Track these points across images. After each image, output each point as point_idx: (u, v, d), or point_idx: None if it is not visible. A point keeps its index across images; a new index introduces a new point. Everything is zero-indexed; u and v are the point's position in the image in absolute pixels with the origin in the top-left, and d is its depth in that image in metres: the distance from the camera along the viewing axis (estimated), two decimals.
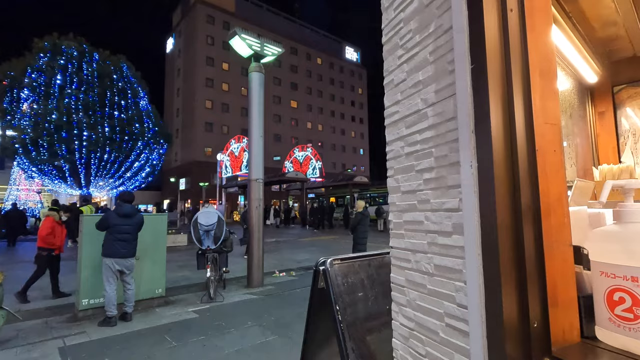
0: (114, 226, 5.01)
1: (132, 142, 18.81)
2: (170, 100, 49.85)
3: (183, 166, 43.17)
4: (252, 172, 7.45)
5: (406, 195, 1.27)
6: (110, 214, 5.13)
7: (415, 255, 1.21)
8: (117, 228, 5.01)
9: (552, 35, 1.08)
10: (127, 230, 5.08)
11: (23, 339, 4.41)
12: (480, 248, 0.93)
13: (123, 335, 4.49)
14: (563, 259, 0.96)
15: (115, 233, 4.99)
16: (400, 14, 1.30)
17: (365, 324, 2.13)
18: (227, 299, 6.16)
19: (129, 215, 5.15)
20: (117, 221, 5.04)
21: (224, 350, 4.01)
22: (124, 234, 5.04)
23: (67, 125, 16.17)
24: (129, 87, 19.31)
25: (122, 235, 5.02)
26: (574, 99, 2.55)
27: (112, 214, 5.12)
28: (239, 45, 7.65)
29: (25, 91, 16.53)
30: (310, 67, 54.38)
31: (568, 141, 2.53)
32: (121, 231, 5.03)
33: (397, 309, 1.33)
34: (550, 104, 1.00)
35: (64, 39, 18.16)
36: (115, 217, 5.06)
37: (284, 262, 9.85)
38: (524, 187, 0.92)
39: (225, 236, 6.58)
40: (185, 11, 47.37)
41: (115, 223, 5.02)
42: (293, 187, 31.91)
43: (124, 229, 5.05)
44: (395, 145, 1.34)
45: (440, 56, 1.10)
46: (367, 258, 2.35)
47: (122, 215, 5.09)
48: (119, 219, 5.07)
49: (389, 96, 1.37)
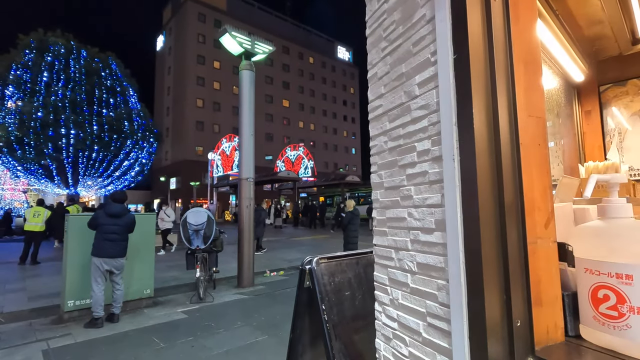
0: (102, 225, 4.92)
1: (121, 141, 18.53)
2: (160, 99, 49.26)
3: (173, 165, 42.72)
4: (243, 171, 7.38)
5: (389, 191, 1.24)
6: (99, 213, 5.05)
7: (398, 253, 1.18)
8: (105, 228, 4.92)
9: (537, 27, 1.05)
10: (115, 230, 4.99)
11: (5, 341, 4.29)
12: (463, 245, 0.90)
13: (110, 337, 4.40)
14: (547, 256, 0.94)
15: (103, 233, 4.91)
16: (383, 4, 1.27)
17: (352, 323, 2.09)
18: (217, 299, 6.09)
19: (117, 215, 5.05)
20: (105, 221, 4.95)
21: (212, 350, 3.95)
22: (111, 234, 4.95)
23: (54, 123, 15.85)
24: (118, 84, 19.02)
25: (109, 235, 4.93)
26: (561, 98, 2.55)
27: (100, 213, 5.04)
28: (230, 43, 7.57)
29: (10, 88, 16.16)
30: (302, 66, 54.26)
31: (555, 140, 2.53)
32: (109, 231, 4.93)
33: (380, 309, 1.30)
34: (535, 97, 0.97)
35: (51, 35, 17.80)
36: (104, 217, 4.97)
37: (274, 262, 9.79)
38: (507, 182, 0.89)
39: (215, 236, 6.51)
40: (175, 8, 46.83)
41: (103, 222, 4.93)
42: (285, 187, 31.80)
43: (112, 229, 4.96)
44: (379, 140, 1.31)
45: (424, 47, 1.07)
46: (355, 257, 2.32)
47: (110, 214, 5.00)
48: (107, 218, 4.98)
49: (372, 90, 1.34)
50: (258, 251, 11.69)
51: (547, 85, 2.30)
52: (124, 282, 5.23)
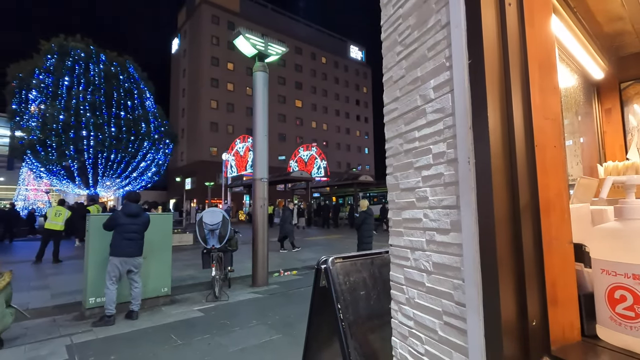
0: (122, 225, 5.05)
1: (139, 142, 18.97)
2: (176, 101, 50.16)
3: (189, 166, 43.42)
4: (257, 171, 7.47)
5: (405, 192, 1.26)
6: (118, 213, 5.18)
7: (414, 253, 1.20)
8: (125, 227, 5.06)
9: (552, 29, 1.06)
10: (135, 229, 5.13)
11: (31, 336, 4.46)
12: (478, 245, 0.92)
13: (129, 334, 4.53)
14: (563, 257, 0.95)
15: (123, 232, 5.04)
16: (399, 10, 1.29)
17: (367, 322, 2.12)
18: (232, 297, 6.19)
19: (135, 214, 5.20)
20: (124, 220, 5.09)
21: (228, 348, 4.02)
22: (131, 233, 5.09)
23: (75, 125, 16.35)
24: (135, 87, 19.47)
25: (129, 235, 5.07)
26: (580, 96, 2.51)
27: (119, 213, 5.17)
28: (243, 45, 7.67)
29: (34, 92, 16.74)
30: (314, 66, 54.36)
31: (574, 139, 2.49)
32: (128, 230, 5.07)
33: (397, 307, 1.32)
34: (550, 99, 0.98)
35: (71, 40, 18.36)
36: (123, 217, 5.11)
37: (288, 261, 9.87)
38: (523, 183, 0.90)
39: (230, 235, 6.60)
40: (190, 12, 47.61)
41: (123, 222, 5.07)
42: (298, 187, 31.93)
43: (132, 228, 5.10)
44: (394, 142, 1.33)
45: (439, 52, 1.09)
46: (370, 256, 2.34)
47: (129, 214, 5.14)
48: (126, 218, 5.11)
49: (388, 93, 1.36)
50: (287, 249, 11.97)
51: (565, 84, 2.27)
52: (142, 280, 5.37)
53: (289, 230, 12.07)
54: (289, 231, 12.06)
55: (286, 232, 12.02)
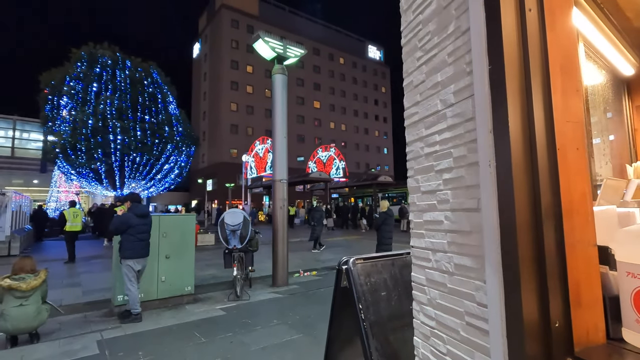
0: (134, 226, 5.07)
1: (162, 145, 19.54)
2: (197, 104, 51.34)
3: (210, 167, 44.33)
4: (277, 172, 7.57)
5: (426, 195, 1.28)
6: (129, 215, 5.16)
7: (435, 255, 1.22)
8: (137, 228, 5.09)
9: (575, 31, 1.06)
10: (145, 230, 5.20)
11: (65, 331, 4.70)
12: (500, 247, 0.93)
13: (155, 331, 4.70)
14: (586, 259, 0.95)
15: (136, 233, 5.07)
16: (419, 16, 1.32)
17: (388, 323, 2.13)
18: (253, 297, 6.30)
19: (145, 215, 5.26)
20: (136, 221, 5.11)
21: (250, 347, 4.11)
22: (143, 234, 5.14)
23: (103, 129, 17.04)
24: (159, 92, 20.07)
25: (142, 235, 5.12)
26: (608, 93, 2.44)
27: (130, 215, 5.15)
28: (263, 48, 7.80)
29: (65, 98, 17.57)
30: (332, 67, 54.39)
31: (602, 137, 2.43)
32: (141, 231, 5.12)
33: (418, 308, 1.34)
34: (573, 102, 0.99)
35: (99, 48, 19.14)
36: (134, 218, 5.13)
37: (308, 262, 9.93)
38: (544, 186, 0.91)
39: (251, 236, 6.72)
40: (210, 16, 48.65)
41: (136, 223, 5.10)
42: (317, 187, 32.00)
43: (143, 229, 5.15)
44: (415, 145, 1.36)
45: (459, 57, 1.11)
46: (390, 258, 2.36)
47: (140, 215, 5.19)
48: (138, 219, 5.15)
49: (408, 97, 1.39)
50: (317, 249, 12.22)
51: (592, 81, 2.22)
52: (167, 279, 5.51)
53: (318, 231, 12.42)
54: (318, 232, 12.42)
55: (317, 233, 12.40)
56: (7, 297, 4.08)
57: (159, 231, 5.84)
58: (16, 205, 13.04)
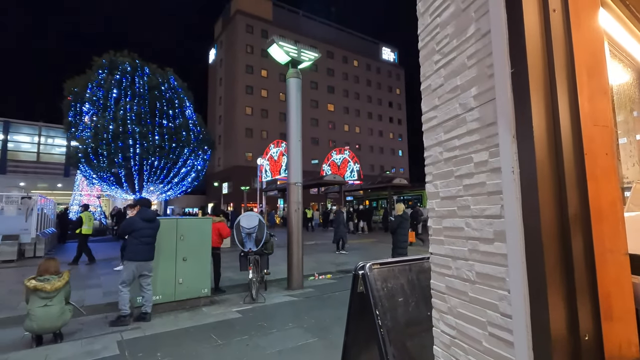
0: (139, 230, 5.19)
1: (179, 149, 19.91)
2: (213, 108, 52.19)
3: (225, 171, 44.91)
4: (291, 175, 7.59)
5: (445, 201, 1.25)
6: (135, 219, 5.29)
7: (456, 262, 1.19)
8: (142, 232, 5.20)
9: (601, 32, 1.02)
10: (151, 234, 5.28)
11: (86, 332, 4.82)
12: (525, 256, 0.90)
13: (173, 332, 4.77)
14: (618, 269, 0.91)
15: (140, 237, 5.18)
16: (436, 19, 1.29)
17: (406, 329, 2.10)
18: (269, 300, 6.32)
19: (152, 219, 5.35)
20: (141, 225, 5.22)
21: (266, 350, 4.12)
22: (147, 238, 5.23)
23: (123, 134, 17.50)
24: (176, 97, 20.49)
25: (146, 239, 5.22)
26: (635, 93, 2.35)
27: (136, 219, 5.29)
28: (277, 53, 7.86)
29: (87, 105, 18.14)
30: (346, 69, 54.38)
31: (629, 137, 2.34)
32: (145, 234, 5.22)
33: (438, 316, 1.31)
34: (600, 105, 0.95)
35: (119, 55, 19.70)
36: (140, 222, 5.24)
37: (323, 265, 9.90)
38: (571, 193, 0.88)
39: (266, 239, 6.75)
40: (225, 22, 49.46)
41: (141, 227, 5.21)
42: (331, 190, 31.94)
43: (148, 233, 5.25)
44: (434, 150, 1.33)
45: (479, 60, 1.08)
46: (407, 263, 2.32)
47: (146, 219, 5.29)
48: (144, 223, 5.25)
49: (426, 101, 1.37)
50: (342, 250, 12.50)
51: (618, 80, 2.15)
52: (184, 282, 5.59)
53: (343, 233, 12.60)
54: (343, 233, 12.59)
55: (342, 234, 12.54)
56: (32, 298, 4.22)
57: (176, 234, 5.94)
58: (41, 208, 13.53)
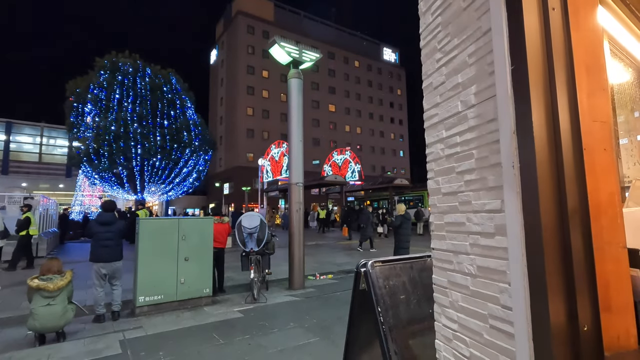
0: (97, 234, 5.27)
1: (181, 150, 19.97)
2: (214, 109, 52.26)
3: (227, 171, 44.95)
4: (292, 176, 7.61)
5: (447, 196, 1.27)
6: (92, 223, 5.42)
7: (457, 257, 1.21)
8: (100, 235, 5.28)
9: (600, 30, 1.04)
10: (109, 237, 5.34)
11: (89, 331, 4.84)
12: (525, 249, 0.92)
13: (175, 331, 4.78)
14: (616, 262, 0.92)
15: (99, 240, 5.27)
16: (437, 18, 1.32)
17: (408, 327, 2.12)
18: (270, 300, 6.33)
19: (108, 223, 5.41)
20: (98, 229, 5.31)
21: (268, 349, 4.13)
22: (106, 241, 5.30)
23: (124, 135, 17.57)
24: (177, 98, 20.56)
25: (104, 242, 5.29)
26: (636, 92, 2.37)
27: (93, 223, 5.41)
28: (279, 53, 7.88)
29: (89, 106, 18.22)
30: (347, 70, 54.42)
31: (630, 137, 2.36)
32: (103, 238, 5.29)
33: (440, 310, 1.33)
34: (599, 101, 0.97)
35: (121, 56, 19.79)
36: (96, 226, 5.33)
37: (324, 265, 9.92)
38: (570, 188, 0.90)
39: (268, 239, 6.77)
40: (227, 23, 49.55)
41: (97, 231, 5.29)
42: (332, 191, 31.95)
43: (106, 236, 5.31)
44: (435, 147, 1.35)
45: (480, 58, 1.10)
46: (409, 261, 2.34)
47: (101, 223, 5.37)
48: (100, 227, 5.33)
49: (427, 99, 1.39)
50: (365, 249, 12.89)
51: (619, 79, 2.16)
52: (186, 281, 5.60)
53: (370, 232, 12.93)
54: (370, 233, 12.92)
55: (369, 234, 12.83)
56: (35, 297, 4.25)
57: (178, 234, 5.96)
58: (43, 208, 13.56)
